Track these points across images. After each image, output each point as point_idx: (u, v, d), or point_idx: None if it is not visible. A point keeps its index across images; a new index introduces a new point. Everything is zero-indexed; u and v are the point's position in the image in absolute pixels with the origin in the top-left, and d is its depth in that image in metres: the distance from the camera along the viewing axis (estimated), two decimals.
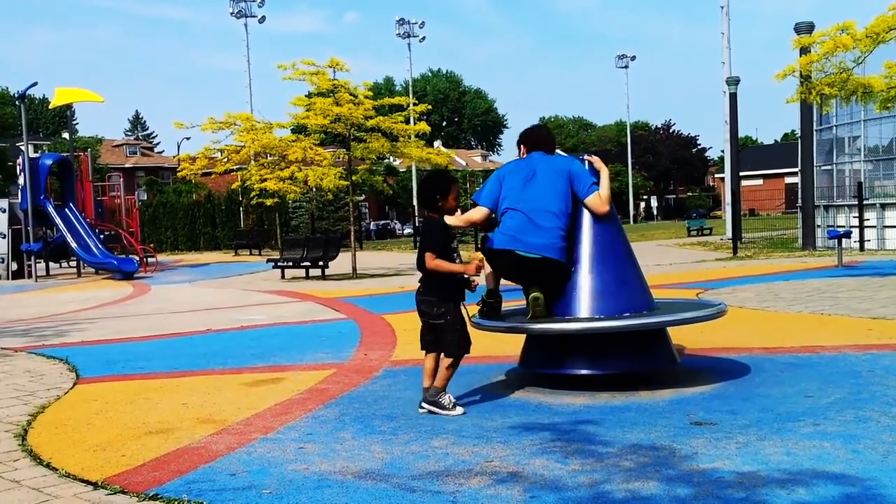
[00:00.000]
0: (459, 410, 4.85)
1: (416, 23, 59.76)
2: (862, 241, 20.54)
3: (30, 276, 22.67)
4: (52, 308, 13.52)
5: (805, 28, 20.44)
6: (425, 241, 4.97)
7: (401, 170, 67.05)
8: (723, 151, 36.86)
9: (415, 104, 21.09)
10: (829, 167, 23.65)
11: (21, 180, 23.20)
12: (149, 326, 10.32)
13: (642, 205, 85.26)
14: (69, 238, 22.88)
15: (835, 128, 23.54)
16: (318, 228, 36.57)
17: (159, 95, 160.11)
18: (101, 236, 24.27)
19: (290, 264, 18.77)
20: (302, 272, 18.96)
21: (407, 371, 6.34)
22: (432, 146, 28.52)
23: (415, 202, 57.92)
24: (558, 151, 5.80)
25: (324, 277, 18.08)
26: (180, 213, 41.89)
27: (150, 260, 25.01)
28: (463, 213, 5.55)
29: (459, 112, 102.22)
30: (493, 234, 5.44)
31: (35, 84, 24.49)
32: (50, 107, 38.72)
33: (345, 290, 14.90)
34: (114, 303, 14.42)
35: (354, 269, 18.50)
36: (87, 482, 3.76)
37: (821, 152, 23.59)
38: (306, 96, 19.12)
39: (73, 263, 24.83)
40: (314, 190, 25.85)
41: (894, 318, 8.24)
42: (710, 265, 17.81)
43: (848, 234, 17.18)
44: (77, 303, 14.46)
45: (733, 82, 30.00)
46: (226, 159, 21.09)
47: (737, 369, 5.83)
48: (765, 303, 10.13)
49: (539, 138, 5.69)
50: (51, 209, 23.22)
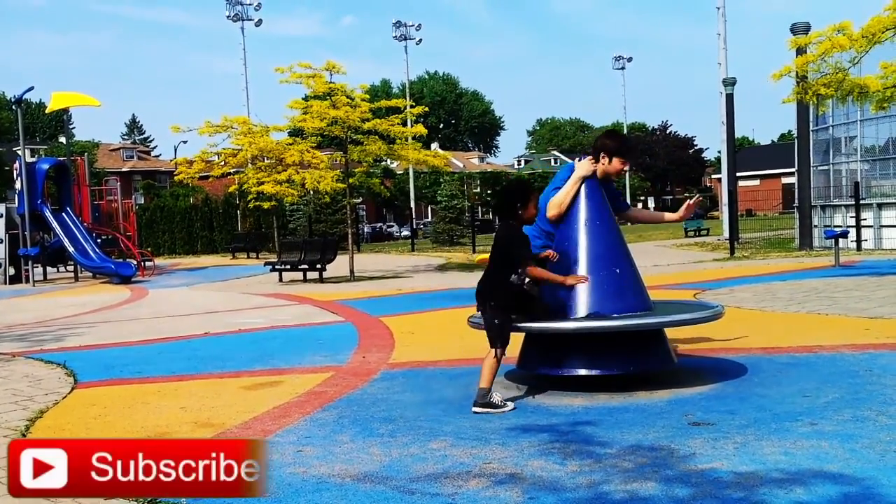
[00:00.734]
0: (510, 406, 4.94)
1: (412, 25, 59.79)
2: (859, 240, 20.56)
3: (27, 280, 22.62)
4: (50, 312, 13.50)
5: (801, 29, 20.46)
6: (520, 251, 5.04)
7: (398, 172, 67.10)
8: (719, 152, 36.89)
9: (412, 106, 21.09)
10: (825, 167, 23.68)
11: (18, 185, 23.15)
12: (146, 330, 10.30)
13: (640, 206, 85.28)
14: (66, 242, 22.85)
15: (831, 128, 23.57)
16: (316, 231, 36.55)
17: (156, 99, 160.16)
18: (99, 240, 24.23)
19: (288, 267, 18.75)
20: (299, 275, 18.95)
21: (405, 373, 6.34)
22: (429, 148, 28.53)
23: (412, 204, 57.94)
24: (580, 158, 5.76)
25: (321, 280, 18.07)
26: (177, 217, 41.85)
27: (147, 264, 24.97)
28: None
29: (456, 114, 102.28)
30: None
31: (32, 88, 24.49)
32: (47, 111, 38.76)
33: (342, 292, 14.90)
34: (111, 307, 14.41)
35: (352, 271, 18.50)
36: None
37: (817, 152, 23.61)
38: (303, 99, 19.13)
39: (71, 268, 24.80)
40: (311, 193, 25.87)
41: (891, 317, 8.25)
42: (708, 266, 17.83)
43: (845, 234, 17.20)
44: (75, 307, 14.45)
45: (730, 83, 30.04)
46: (223, 163, 21.13)
47: (734, 369, 5.83)
48: (762, 303, 10.14)
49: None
50: (48, 213, 23.18)
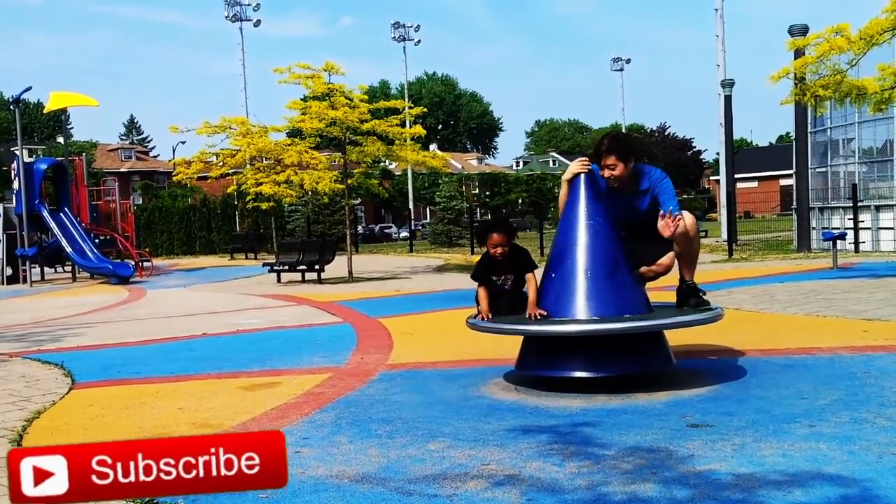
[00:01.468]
0: None
1: (411, 26, 59.84)
2: (857, 242, 20.59)
3: (25, 281, 22.60)
4: (48, 313, 13.49)
5: (799, 30, 20.48)
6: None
7: (396, 173, 67.11)
8: (718, 154, 36.93)
9: (410, 107, 21.10)
10: (823, 169, 23.71)
11: (16, 185, 23.14)
12: (144, 331, 10.30)
13: None
14: (64, 243, 22.83)
15: (829, 130, 23.61)
16: (314, 232, 36.54)
17: (154, 99, 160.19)
18: (97, 241, 24.21)
19: (286, 268, 18.75)
20: (298, 276, 18.94)
21: (403, 374, 6.33)
22: (428, 149, 28.54)
23: (411, 205, 57.94)
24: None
25: (320, 281, 18.06)
26: (176, 218, 41.82)
27: (145, 264, 24.96)
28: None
29: (455, 115, 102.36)
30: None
31: (29, 88, 24.49)
32: (45, 111, 38.72)
33: (341, 293, 14.89)
34: (109, 307, 14.40)
35: (350, 272, 18.49)
36: None
37: (815, 154, 23.65)
38: (302, 100, 19.12)
39: (69, 268, 24.78)
40: (310, 194, 25.86)
41: (889, 319, 8.26)
42: (706, 267, 17.84)
43: (843, 236, 17.24)
44: (72, 307, 14.43)
45: (728, 85, 30.10)
46: (221, 163, 21.13)
47: (733, 371, 5.84)
48: (760, 305, 10.15)
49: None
50: (46, 214, 23.16)
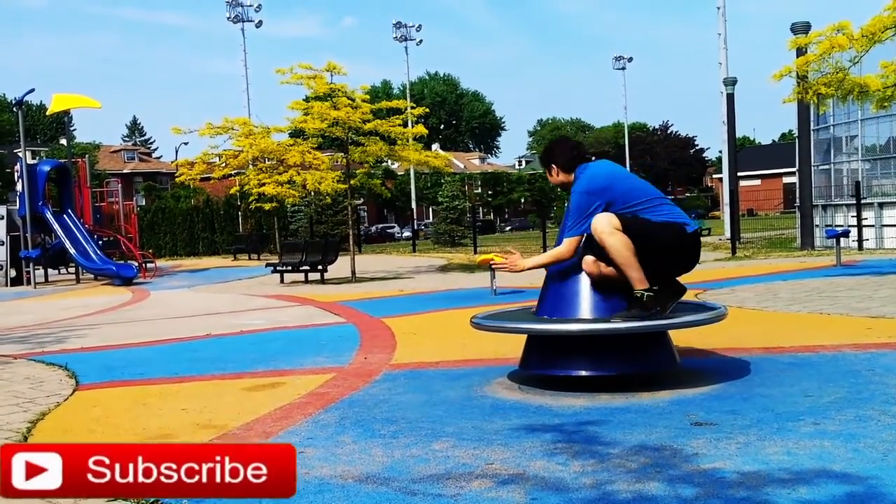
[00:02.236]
0: None
1: (413, 26, 59.91)
2: (860, 240, 20.56)
3: (28, 282, 22.64)
4: (52, 314, 13.51)
5: (801, 28, 20.47)
6: None
7: (399, 173, 67.11)
8: (720, 152, 36.90)
9: (412, 108, 21.10)
10: (826, 167, 23.67)
11: (19, 187, 23.17)
12: (148, 332, 10.30)
13: None
14: (68, 244, 22.86)
15: (832, 127, 23.57)
16: (317, 232, 36.58)
17: (157, 101, 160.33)
18: (100, 242, 24.25)
19: (289, 268, 18.75)
20: (301, 276, 18.96)
21: (407, 374, 6.33)
22: (430, 149, 28.54)
23: (413, 205, 57.95)
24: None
25: (323, 281, 18.07)
26: (179, 219, 41.87)
27: (148, 265, 24.99)
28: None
29: (457, 115, 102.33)
30: (684, 219, 5.47)
31: (32, 90, 24.50)
32: (47, 113, 38.72)
33: (344, 293, 14.90)
34: (113, 309, 14.41)
35: (353, 272, 18.50)
36: None
37: (818, 152, 23.61)
38: (304, 100, 19.13)
39: (72, 270, 24.80)
40: (312, 194, 25.87)
41: (893, 316, 8.24)
42: (709, 265, 17.81)
43: (846, 234, 17.19)
44: (76, 309, 14.45)
45: (730, 83, 30.06)
46: (224, 164, 21.12)
47: (736, 370, 5.83)
48: (764, 303, 10.14)
49: (583, 150, 5.71)
50: (49, 215, 23.19)
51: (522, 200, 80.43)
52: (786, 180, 66.33)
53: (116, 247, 25.32)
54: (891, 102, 13.02)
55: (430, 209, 65.54)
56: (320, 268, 18.25)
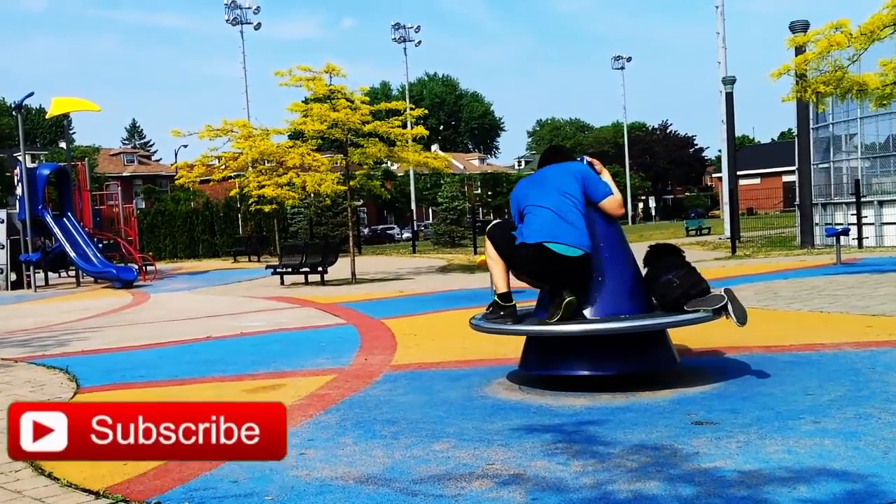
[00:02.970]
0: None
1: (411, 27, 59.90)
2: (860, 238, 20.55)
3: (29, 286, 22.65)
4: (52, 318, 13.51)
5: (800, 27, 20.46)
6: None
7: (398, 174, 67.10)
8: (720, 151, 36.91)
9: (411, 109, 21.10)
10: (826, 165, 23.67)
11: (19, 190, 23.19)
12: (149, 335, 10.31)
13: (640, 205, 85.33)
14: (68, 248, 22.87)
15: (831, 126, 23.57)
16: (317, 234, 36.58)
17: (156, 104, 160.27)
18: (100, 245, 24.26)
19: (289, 270, 18.77)
20: (301, 278, 18.96)
21: (407, 375, 6.34)
22: (429, 150, 28.55)
23: (413, 206, 57.96)
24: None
25: (323, 283, 18.07)
26: (178, 221, 41.88)
27: (149, 268, 25.00)
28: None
29: (456, 115, 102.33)
30: (520, 232, 5.33)
31: (31, 94, 24.52)
32: (47, 116, 38.77)
33: (344, 295, 14.90)
34: (113, 312, 14.42)
35: (353, 274, 18.50)
36: (90, 492, 3.76)
37: (818, 150, 23.61)
38: (303, 102, 19.13)
39: (73, 273, 24.81)
40: (312, 196, 25.86)
41: (893, 314, 8.24)
42: (709, 265, 17.82)
43: (846, 232, 17.19)
44: (76, 312, 14.45)
45: (729, 82, 30.05)
46: (223, 166, 21.10)
47: (737, 368, 5.83)
48: (764, 301, 10.14)
49: (547, 155, 5.77)
50: (49, 219, 23.20)
51: None
52: (785, 179, 66.33)
53: (116, 250, 25.32)
54: (890, 100, 13.02)
55: (430, 210, 65.53)
56: (320, 269, 18.25)
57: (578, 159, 5.66)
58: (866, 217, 21.19)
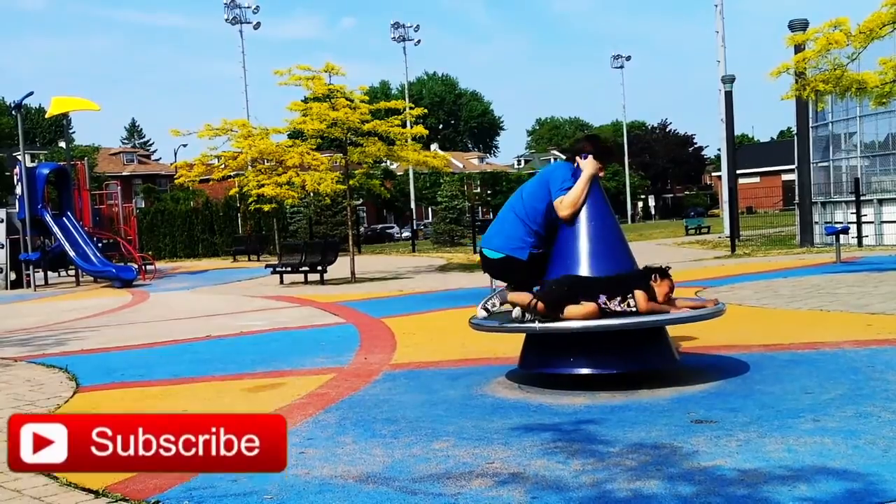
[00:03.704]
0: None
1: (411, 26, 59.84)
2: (860, 236, 20.55)
3: (28, 285, 22.64)
4: (52, 317, 13.51)
5: (799, 25, 20.45)
6: None
7: (398, 173, 67.07)
8: (719, 150, 36.90)
9: (411, 108, 21.09)
10: (825, 164, 23.65)
11: (18, 190, 23.17)
12: (148, 334, 10.31)
13: (640, 204, 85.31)
14: (67, 247, 22.85)
15: (831, 124, 23.56)
16: (316, 233, 36.57)
17: (155, 103, 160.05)
18: (99, 245, 24.23)
19: (289, 269, 18.76)
20: (301, 277, 18.95)
21: (407, 374, 6.33)
22: (429, 149, 28.53)
23: (413, 205, 57.96)
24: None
25: (322, 282, 18.07)
26: (178, 221, 41.85)
27: (148, 267, 24.98)
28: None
29: (456, 115, 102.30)
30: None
31: (31, 93, 24.52)
32: (46, 116, 38.76)
33: (344, 294, 14.90)
34: (113, 311, 14.41)
35: (353, 273, 18.49)
36: (89, 491, 3.76)
37: (817, 149, 23.60)
38: (303, 101, 19.12)
39: (72, 272, 24.80)
40: (312, 195, 25.87)
41: (893, 313, 8.24)
42: (709, 263, 17.83)
43: (846, 230, 17.19)
44: (76, 311, 14.45)
45: (728, 80, 30.05)
46: (223, 166, 21.10)
47: (736, 367, 5.83)
48: (763, 300, 10.13)
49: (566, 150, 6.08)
50: (48, 218, 23.17)
51: None
52: (785, 177, 66.28)
53: (116, 249, 25.30)
54: (889, 99, 13.01)
55: (430, 209, 65.53)
56: (320, 268, 18.24)
57: (581, 157, 5.65)
58: (866, 215, 21.18)
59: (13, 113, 30.82)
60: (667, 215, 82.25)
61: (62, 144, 56.83)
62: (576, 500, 3.26)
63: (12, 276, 23.34)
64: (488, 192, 77.07)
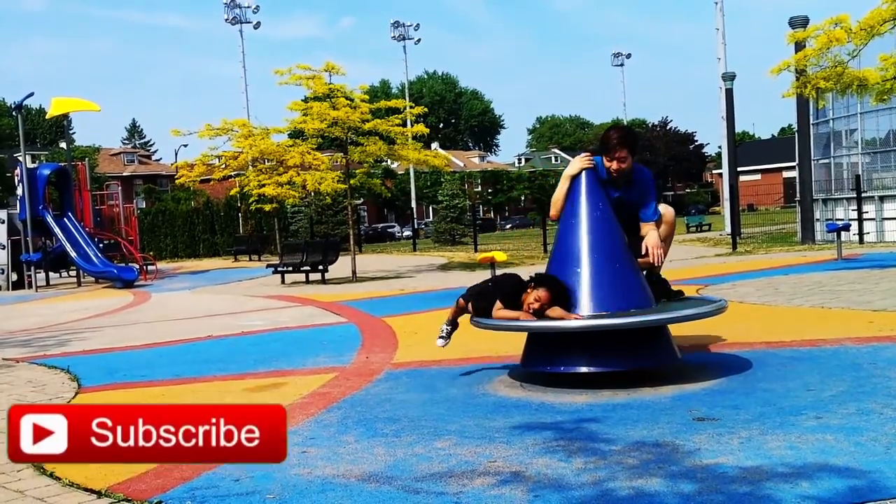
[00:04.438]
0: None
1: (411, 25, 59.87)
2: (861, 233, 20.54)
3: (30, 286, 22.65)
4: (53, 318, 13.51)
5: (800, 22, 20.45)
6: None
7: (399, 172, 67.08)
8: (720, 147, 36.89)
9: (411, 107, 21.09)
10: (826, 161, 23.64)
11: (19, 191, 23.18)
12: (149, 334, 10.31)
13: None
14: (68, 248, 22.86)
15: (831, 121, 23.54)
16: (317, 233, 36.57)
17: (156, 103, 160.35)
18: (101, 245, 24.24)
19: (290, 269, 18.76)
20: (302, 277, 18.95)
21: (409, 373, 6.34)
22: (429, 148, 28.54)
23: (413, 204, 57.94)
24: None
25: (324, 281, 18.07)
26: (179, 221, 41.85)
27: (149, 268, 24.99)
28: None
29: (456, 113, 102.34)
30: None
31: (31, 94, 24.53)
32: (47, 116, 38.77)
33: (345, 293, 14.90)
34: (114, 311, 14.42)
35: (354, 272, 18.50)
36: (91, 491, 3.76)
37: (818, 146, 23.58)
38: (303, 101, 19.12)
39: (73, 273, 24.81)
40: (312, 194, 25.88)
41: (895, 310, 8.23)
42: (710, 261, 17.82)
43: (847, 227, 17.19)
44: (78, 312, 14.45)
45: (729, 78, 30.06)
46: (224, 165, 21.12)
47: (738, 364, 5.82)
48: (765, 297, 10.13)
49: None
50: (49, 219, 23.19)
51: (522, 198, 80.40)
52: (786, 175, 66.22)
53: (117, 249, 25.31)
54: (890, 95, 13.00)
55: (431, 208, 65.53)
56: (321, 268, 18.25)
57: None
58: (867, 212, 21.16)
59: (14, 114, 30.84)
60: None
61: (63, 145, 56.86)
62: (577, 499, 3.26)
63: (14, 276, 23.36)
64: (489, 190, 77.07)
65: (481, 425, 4.55)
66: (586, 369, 5.29)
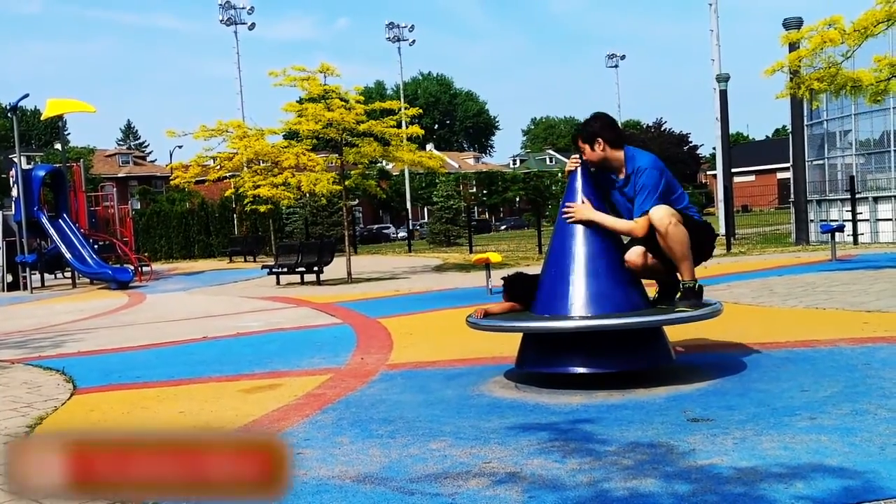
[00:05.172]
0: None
1: (405, 26, 59.90)
2: (855, 234, 20.59)
3: (25, 287, 22.61)
4: (48, 319, 13.49)
5: (793, 23, 20.48)
6: None
7: (394, 173, 67.11)
8: (714, 148, 36.93)
9: (406, 108, 21.09)
10: (820, 162, 23.70)
11: (14, 192, 23.14)
12: (145, 335, 10.30)
13: None
14: (63, 249, 22.83)
15: (825, 122, 23.60)
16: (313, 234, 36.52)
17: (151, 105, 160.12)
18: (96, 246, 24.21)
19: (285, 270, 18.75)
20: (297, 278, 18.95)
21: (404, 374, 6.33)
22: (424, 149, 28.55)
23: (409, 205, 57.95)
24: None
25: (319, 283, 18.06)
26: (174, 222, 41.80)
27: (144, 269, 24.95)
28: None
29: (451, 114, 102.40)
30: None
31: (26, 95, 24.45)
32: (42, 118, 38.66)
33: (340, 294, 14.89)
34: (109, 313, 14.39)
35: (349, 273, 18.49)
36: None
37: (812, 147, 23.64)
38: (297, 102, 19.11)
39: (68, 274, 24.78)
40: (307, 195, 25.87)
41: (889, 310, 8.25)
42: (705, 262, 17.79)
43: (841, 228, 17.23)
44: (73, 313, 14.43)
45: (723, 79, 30.11)
46: (218, 167, 21.10)
47: (732, 365, 5.83)
48: (759, 298, 10.15)
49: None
50: (44, 220, 23.16)
51: (517, 199, 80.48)
52: (780, 176, 66.36)
53: (112, 251, 25.27)
54: (884, 96, 13.04)
55: (426, 209, 65.55)
56: (316, 269, 18.23)
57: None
58: (861, 213, 21.21)
59: (9, 115, 30.76)
60: None
61: (58, 146, 56.77)
62: (572, 499, 3.27)
63: (9, 278, 23.33)
64: (484, 191, 77.08)
65: (476, 426, 4.55)
66: (581, 370, 5.30)
